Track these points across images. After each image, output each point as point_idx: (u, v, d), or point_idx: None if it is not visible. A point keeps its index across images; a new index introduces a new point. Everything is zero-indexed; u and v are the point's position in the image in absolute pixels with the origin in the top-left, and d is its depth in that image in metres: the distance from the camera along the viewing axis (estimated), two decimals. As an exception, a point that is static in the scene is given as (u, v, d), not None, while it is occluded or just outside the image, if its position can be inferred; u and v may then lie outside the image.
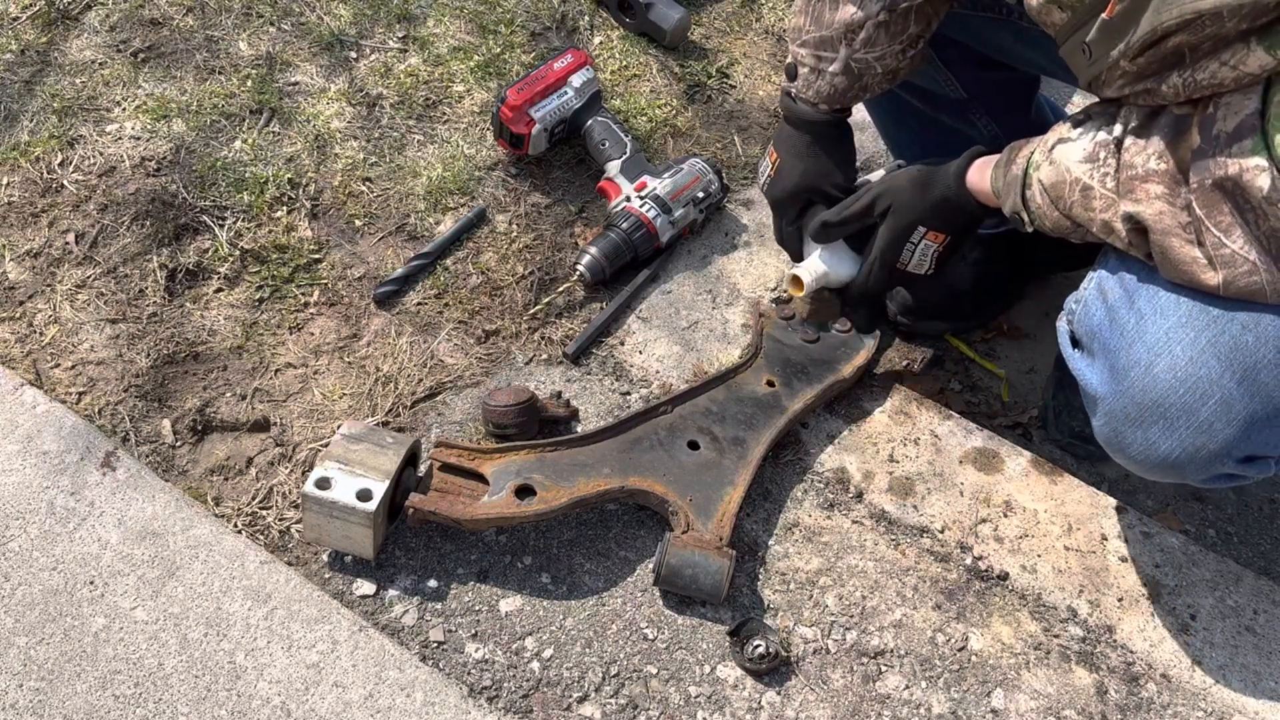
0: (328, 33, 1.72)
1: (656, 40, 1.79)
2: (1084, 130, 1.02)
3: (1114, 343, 1.01)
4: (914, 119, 1.46)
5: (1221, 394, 0.93)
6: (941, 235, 1.23)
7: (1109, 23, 0.91)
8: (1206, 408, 0.94)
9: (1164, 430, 0.97)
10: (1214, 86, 0.88)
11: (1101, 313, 1.03)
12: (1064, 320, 1.11)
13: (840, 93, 1.26)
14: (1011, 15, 1.21)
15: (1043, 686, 1.14)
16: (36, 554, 1.13)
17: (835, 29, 1.21)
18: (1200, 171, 0.90)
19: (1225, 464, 0.97)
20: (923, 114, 1.45)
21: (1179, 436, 0.97)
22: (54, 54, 1.64)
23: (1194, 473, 1.00)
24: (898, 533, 1.25)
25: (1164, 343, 0.96)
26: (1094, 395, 1.04)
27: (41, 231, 1.43)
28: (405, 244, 1.48)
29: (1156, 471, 1.03)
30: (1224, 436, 0.94)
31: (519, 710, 1.08)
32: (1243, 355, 0.92)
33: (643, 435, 1.24)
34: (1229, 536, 1.39)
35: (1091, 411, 1.06)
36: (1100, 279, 1.05)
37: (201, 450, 1.26)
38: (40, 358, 1.32)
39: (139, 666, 1.06)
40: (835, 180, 1.32)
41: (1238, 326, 0.92)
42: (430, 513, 1.13)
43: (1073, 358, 1.08)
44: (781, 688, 1.12)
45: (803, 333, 1.37)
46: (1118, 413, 1.01)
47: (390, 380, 1.33)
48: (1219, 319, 0.93)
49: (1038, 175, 1.05)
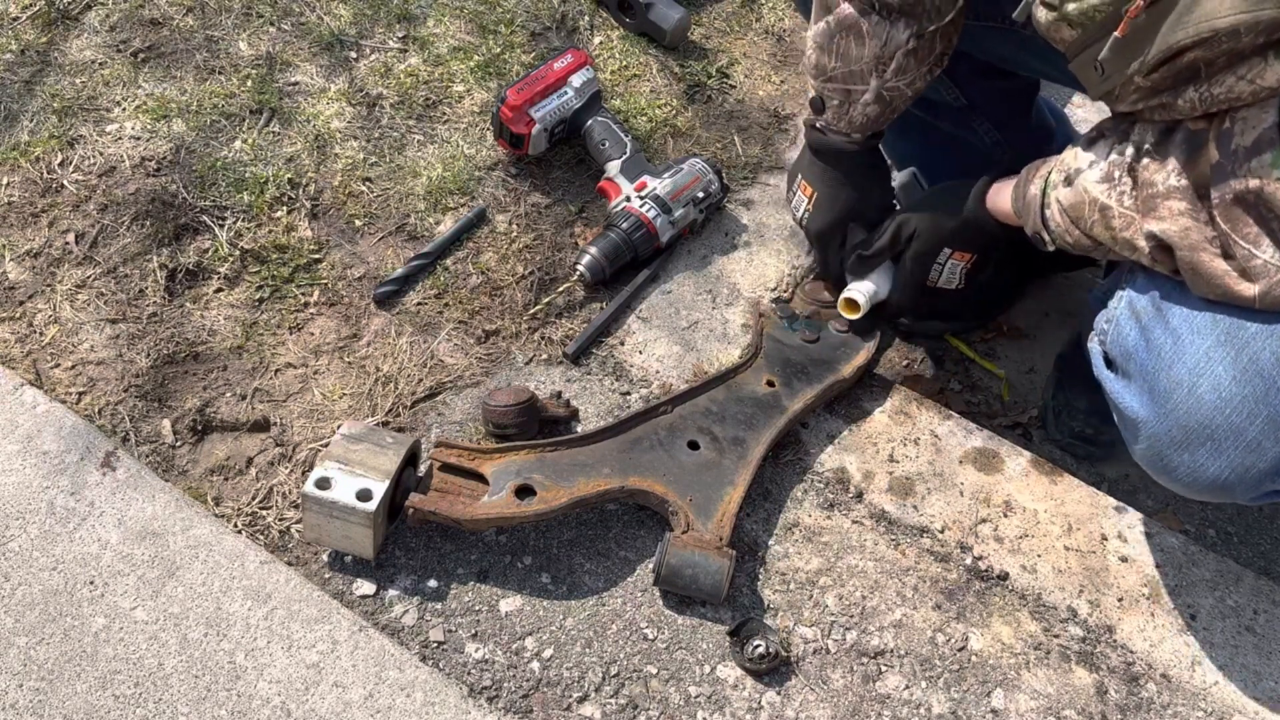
0: (328, 33, 1.72)
1: (656, 40, 1.79)
2: (1098, 149, 1.01)
3: (1151, 365, 0.99)
4: (917, 128, 1.46)
5: (1269, 411, 0.91)
6: (968, 255, 1.26)
7: (1122, 40, 0.90)
8: (1254, 426, 0.92)
9: (1211, 452, 0.95)
10: (1230, 101, 0.87)
11: (1135, 333, 1.02)
12: (1095, 341, 1.09)
13: (873, 120, 1.27)
14: (1015, 26, 1.22)
15: (1043, 686, 1.14)
16: (36, 554, 1.13)
17: (865, 62, 1.20)
18: (1221, 187, 0.89)
19: (1276, 481, 0.95)
20: (925, 122, 1.45)
21: (1227, 457, 0.95)
22: (54, 54, 1.64)
23: (1244, 492, 0.97)
24: (898, 533, 1.25)
25: (1204, 362, 0.94)
26: (1134, 419, 1.02)
27: (41, 231, 1.43)
28: (405, 244, 1.48)
29: (1205, 493, 1.00)
30: (1275, 454, 0.92)
31: (519, 710, 1.08)
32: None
33: (643, 435, 1.24)
34: (1229, 536, 1.39)
35: (1131, 436, 1.04)
36: (1130, 298, 1.04)
37: (201, 450, 1.26)
38: (40, 358, 1.31)
39: (139, 666, 1.06)
40: (875, 203, 1.34)
41: (1278, 340, 0.91)
42: (430, 513, 1.13)
43: (1108, 379, 1.06)
44: (781, 688, 1.12)
45: (803, 333, 1.37)
46: (1161, 436, 0.99)
47: (390, 380, 1.33)
48: (1259, 334, 0.92)
49: (1055, 195, 1.05)
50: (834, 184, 1.33)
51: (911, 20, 1.16)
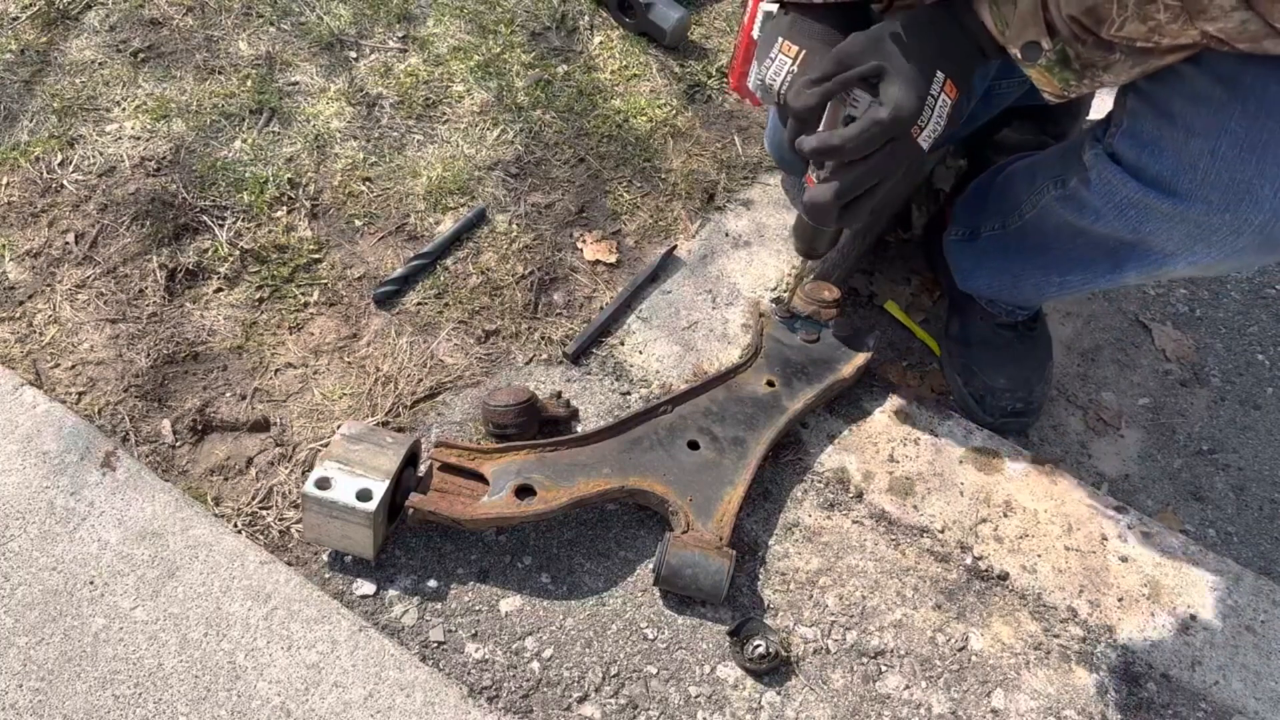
0: (327, 33, 1.72)
1: (656, 40, 1.79)
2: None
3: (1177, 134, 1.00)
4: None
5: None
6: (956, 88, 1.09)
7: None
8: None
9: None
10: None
11: (1151, 120, 1.02)
12: (1095, 149, 1.09)
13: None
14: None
15: (1043, 686, 1.14)
16: (36, 554, 1.13)
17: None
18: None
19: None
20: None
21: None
22: (54, 54, 1.64)
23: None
24: (898, 533, 1.25)
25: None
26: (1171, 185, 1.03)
27: (41, 231, 1.43)
28: (405, 244, 1.48)
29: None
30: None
31: (519, 710, 1.08)
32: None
33: (643, 435, 1.24)
34: (1229, 536, 1.39)
35: (1170, 216, 1.06)
36: (1131, 119, 1.05)
37: (201, 450, 1.26)
38: (40, 358, 1.31)
39: (139, 666, 1.06)
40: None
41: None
42: (430, 513, 1.13)
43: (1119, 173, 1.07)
44: (781, 688, 1.12)
45: (803, 333, 1.37)
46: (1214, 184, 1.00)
47: (390, 380, 1.33)
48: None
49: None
50: (829, 38, 1.11)
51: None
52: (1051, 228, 1.26)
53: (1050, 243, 1.27)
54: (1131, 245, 1.16)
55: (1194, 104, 1.00)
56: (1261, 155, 0.98)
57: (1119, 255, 1.19)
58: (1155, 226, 1.09)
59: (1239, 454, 1.48)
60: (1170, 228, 1.08)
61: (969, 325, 1.46)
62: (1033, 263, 1.32)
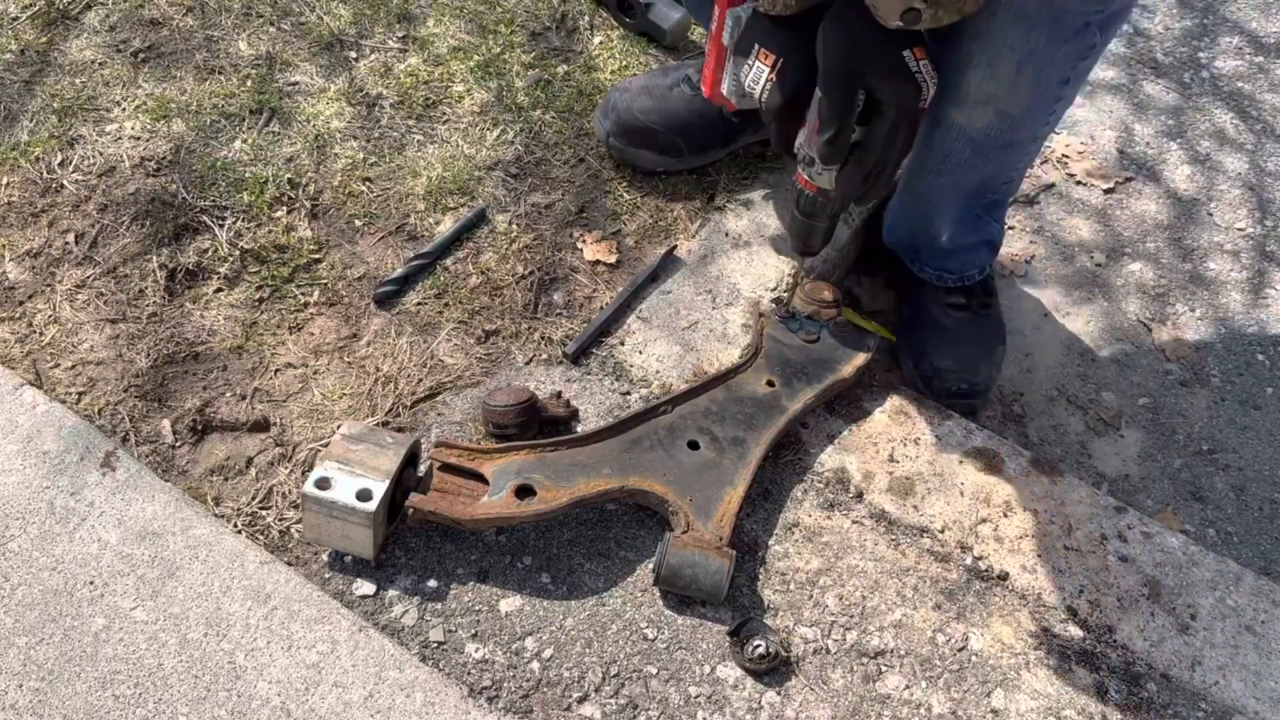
0: (327, 33, 1.72)
1: (656, 40, 1.79)
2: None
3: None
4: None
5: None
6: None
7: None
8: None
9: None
10: None
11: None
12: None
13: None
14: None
15: (1043, 686, 1.14)
16: (36, 554, 1.13)
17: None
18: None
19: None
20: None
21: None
22: (54, 54, 1.64)
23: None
24: (898, 533, 1.25)
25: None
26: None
27: (41, 231, 1.43)
28: (405, 244, 1.48)
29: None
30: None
31: (519, 710, 1.08)
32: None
33: (643, 435, 1.24)
34: (1229, 536, 1.39)
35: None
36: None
37: (201, 450, 1.26)
38: (40, 358, 1.32)
39: (139, 666, 1.06)
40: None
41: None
42: (430, 513, 1.13)
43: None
44: (781, 688, 1.12)
45: (803, 333, 1.37)
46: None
47: (390, 380, 1.33)
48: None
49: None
50: (803, 48, 1.15)
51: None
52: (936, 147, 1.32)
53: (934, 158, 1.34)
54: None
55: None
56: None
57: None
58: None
59: (1239, 454, 1.48)
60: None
61: (920, 307, 1.50)
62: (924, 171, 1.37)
